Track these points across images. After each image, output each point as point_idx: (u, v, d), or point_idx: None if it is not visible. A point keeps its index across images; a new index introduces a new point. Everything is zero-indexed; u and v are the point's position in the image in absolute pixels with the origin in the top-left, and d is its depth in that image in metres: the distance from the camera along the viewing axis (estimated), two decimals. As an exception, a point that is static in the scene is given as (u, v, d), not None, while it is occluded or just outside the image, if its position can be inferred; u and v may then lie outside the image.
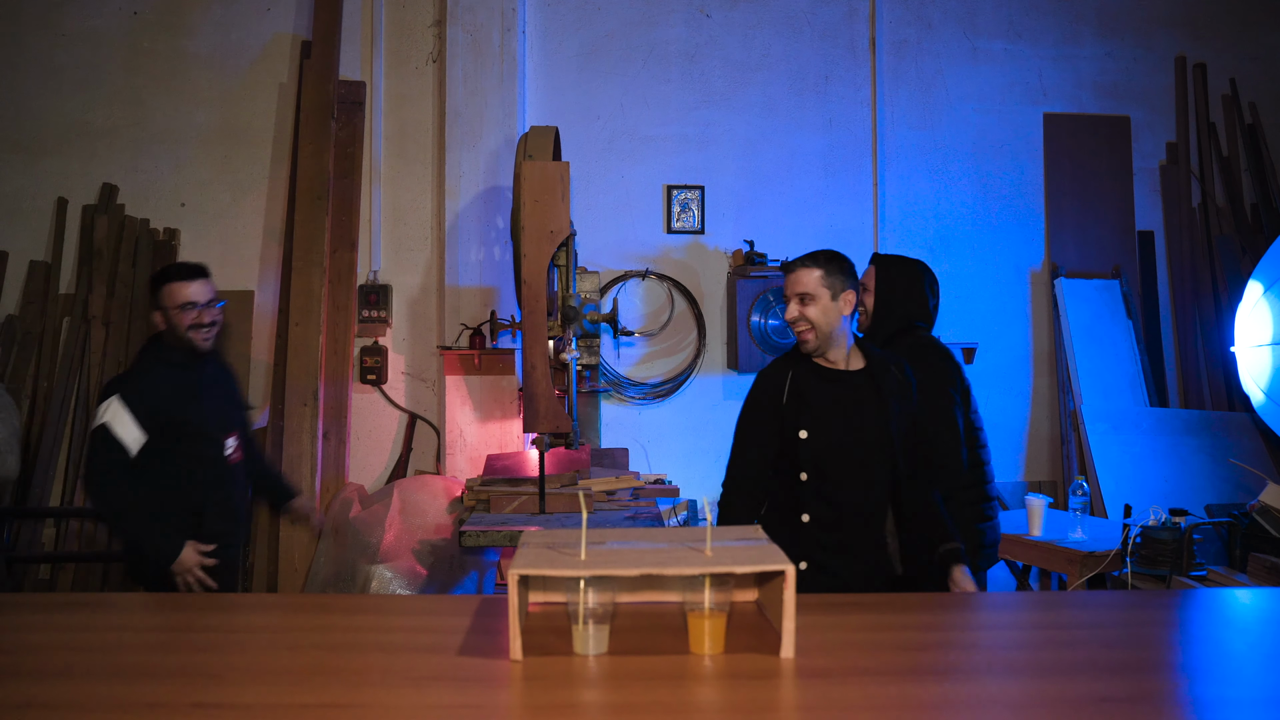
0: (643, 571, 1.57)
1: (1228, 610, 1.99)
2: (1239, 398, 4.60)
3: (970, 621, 1.78)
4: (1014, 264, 4.94)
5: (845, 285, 2.43)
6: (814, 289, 2.40)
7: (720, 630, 1.57)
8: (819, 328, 2.39)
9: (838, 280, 2.42)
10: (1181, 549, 2.93)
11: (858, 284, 2.48)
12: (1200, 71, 5.03)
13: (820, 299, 2.39)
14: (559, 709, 1.36)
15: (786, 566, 1.56)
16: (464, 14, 4.56)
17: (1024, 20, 4.98)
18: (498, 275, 4.54)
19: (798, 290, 2.41)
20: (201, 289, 2.84)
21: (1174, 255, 5.00)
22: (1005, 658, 1.58)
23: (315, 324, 4.24)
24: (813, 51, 4.86)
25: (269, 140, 4.67)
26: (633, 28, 4.78)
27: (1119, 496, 4.22)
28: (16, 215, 4.59)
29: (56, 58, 4.62)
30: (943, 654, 1.57)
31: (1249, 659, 1.66)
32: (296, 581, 4.04)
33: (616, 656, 1.55)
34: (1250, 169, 5.03)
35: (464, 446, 4.43)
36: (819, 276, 2.40)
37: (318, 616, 1.91)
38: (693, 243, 4.77)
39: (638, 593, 1.84)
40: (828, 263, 2.44)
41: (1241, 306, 4.29)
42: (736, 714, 1.36)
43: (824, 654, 1.59)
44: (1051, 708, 1.37)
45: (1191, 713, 1.37)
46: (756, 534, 1.83)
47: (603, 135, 4.75)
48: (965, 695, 1.40)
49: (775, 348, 4.51)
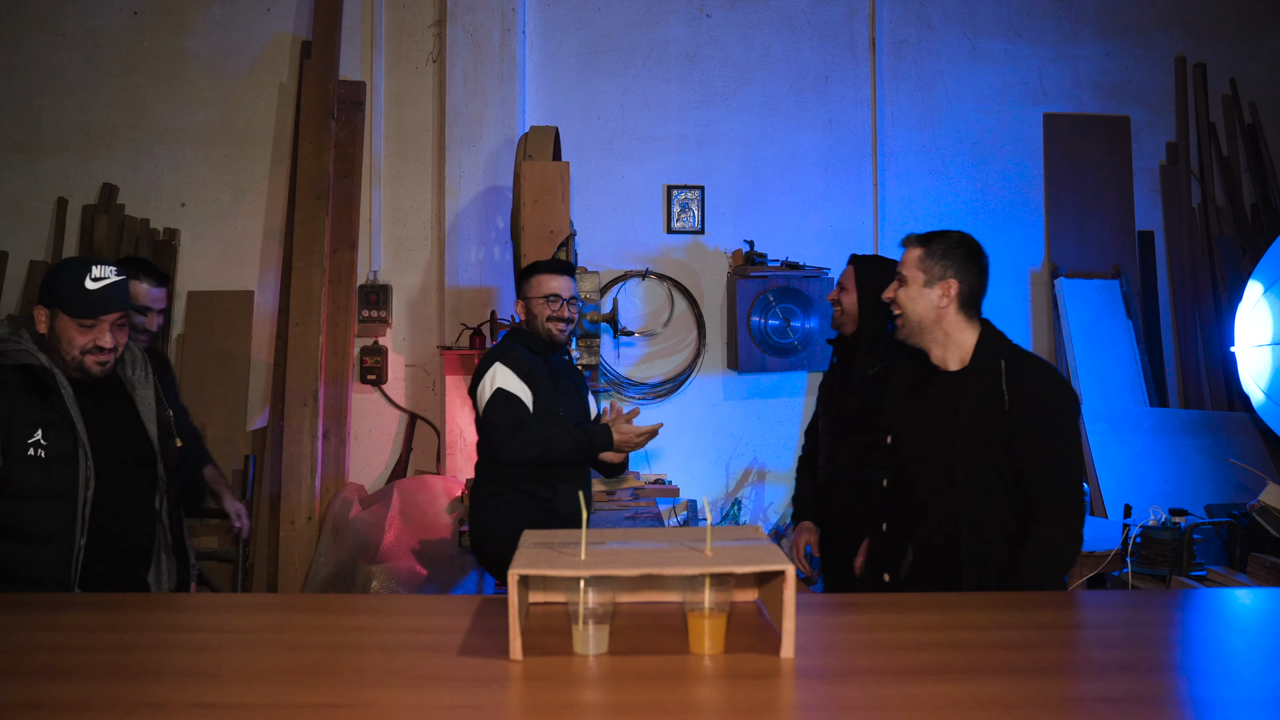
0: (643, 571, 1.57)
1: (1228, 610, 1.99)
2: (1239, 398, 4.60)
3: (970, 621, 1.78)
4: (1014, 264, 4.94)
5: (947, 273, 2.15)
6: (909, 270, 2.16)
7: (720, 630, 1.57)
8: (907, 314, 2.16)
9: (938, 265, 2.15)
10: (1181, 549, 2.93)
11: (970, 276, 2.19)
12: (1200, 71, 5.03)
13: (913, 282, 2.15)
14: (559, 709, 1.36)
15: (786, 566, 1.56)
16: (464, 14, 4.56)
17: (1024, 20, 4.97)
18: (498, 275, 4.54)
19: (899, 269, 2.19)
20: (566, 285, 3.02)
21: (1174, 255, 5.00)
22: (1005, 658, 1.58)
23: (315, 324, 4.24)
24: (813, 51, 4.86)
25: (269, 140, 4.67)
26: (633, 28, 4.78)
27: (1119, 496, 4.21)
28: (16, 215, 4.59)
29: (56, 58, 4.61)
30: (943, 654, 1.57)
31: (1249, 659, 1.66)
32: (296, 581, 4.04)
33: (616, 656, 1.55)
34: (1250, 169, 5.03)
35: (464, 446, 4.42)
36: (918, 256, 2.16)
37: (318, 616, 1.90)
38: (693, 243, 4.77)
39: (638, 593, 1.84)
40: (931, 243, 2.17)
41: (1241, 306, 4.29)
42: (736, 714, 1.36)
43: (824, 654, 1.58)
44: (1051, 708, 1.37)
45: (1191, 713, 1.37)
46: (757, 534, 1.83)
47: (603, 135, 4.75)
48: (965, 695, 1.40)
49: (775, 348, 4.51)
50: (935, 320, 2.17)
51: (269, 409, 4.40)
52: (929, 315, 2.16)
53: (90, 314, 2.16)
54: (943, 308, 2.16)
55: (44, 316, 2.21)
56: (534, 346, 2.99)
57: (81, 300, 2.16)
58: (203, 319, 4.56)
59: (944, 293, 2.16)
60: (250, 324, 4.56)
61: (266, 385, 4.51)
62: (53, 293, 2.20)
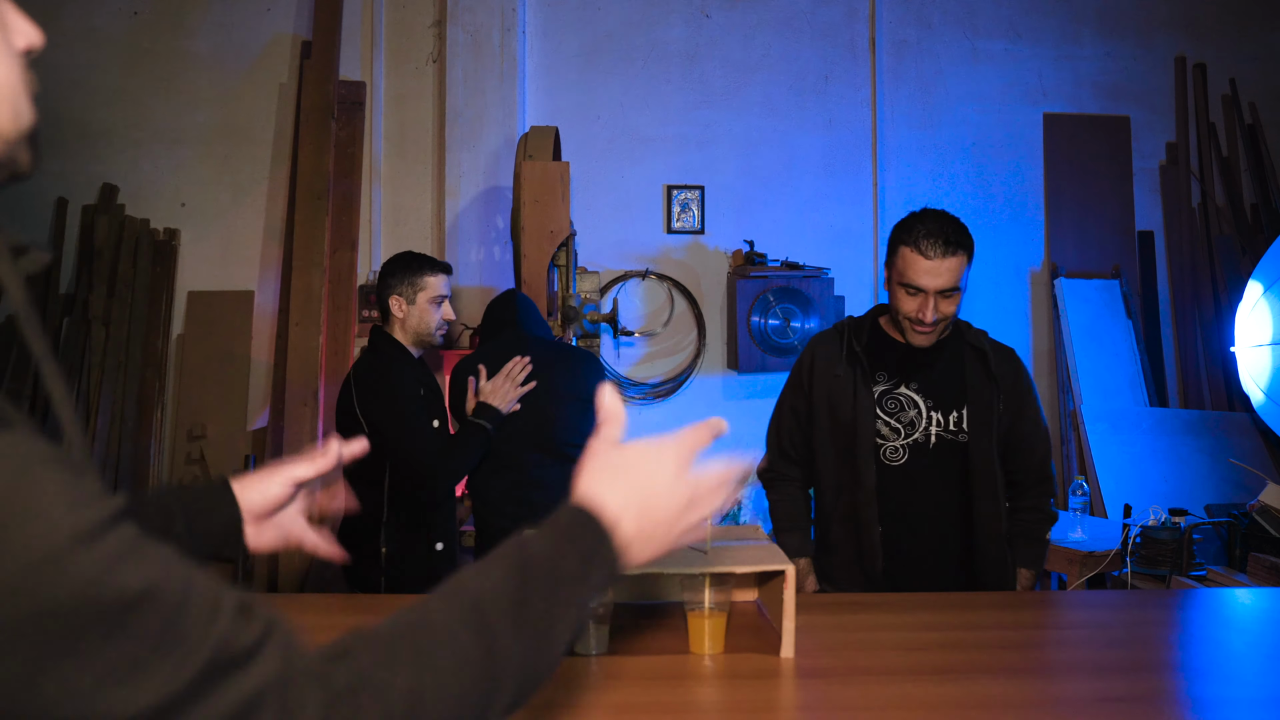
0: (643, 571, 1.57)
1: (1228, 610, 1.99)
2: (1239, 398, 4.60)
3: (970, 621, 1.78)
4: (1014, 264, 4.94)
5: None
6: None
7: (720, 630, 1.57)
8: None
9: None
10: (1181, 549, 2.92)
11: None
12: (1200, 72, 5.03)
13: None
14: (559, 709, 1.36)
15: (787, 566, 1.56)
16: (464, 14, 4.56)
17: (1024, 20, 4.97)
18: (498, 275, 4.53)
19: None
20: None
21: (1174, 255, 5.00)
22: (1005, 658, 1.58)
23: (315, 324, 4.24)
24: (813, 51, 4.86)
25: (269, 140, 4.67)
26: (633, 28, 4.78)
27: (1119, 496, 4.21)
28: (16, 215, 4.59)
29: (56, 58, 4.61)
30: (943, 654, 1.57)
31: (1249, 659, 1.66)
32: (296, 581, 4.04)
33: (616, 656, 1.55)
34: (1250, 169, 5.03)
35: (464, 446, 4.42)
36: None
37: (318, 616, 1.90)
38: (693, 243, 4.77)
39: (638, 593, 1.84)
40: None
41: (1241, 306, 4.29)
42: (736, 714, 1.36)
43: (824, 654, 1.59)
44: (1051, 708, 1.37)
45: (1191, 713, 1.37)
46: (757, 534, 1.83)
47: (603, 135, 4.75)
48: (965, 695, 1.40)
49: (775, 348, 4.51)
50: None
51: (269, 409, 4.40)
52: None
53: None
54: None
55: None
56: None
57: None
58: (203, 319, 4.56)
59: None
60: (250, 324, 4.56)
61: (266, 385, 4.50)
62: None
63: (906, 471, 2.18)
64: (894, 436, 2.19)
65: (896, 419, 2.18)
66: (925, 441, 2.17)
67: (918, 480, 2.19)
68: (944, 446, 2.17)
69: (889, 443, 2.19)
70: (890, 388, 2.21)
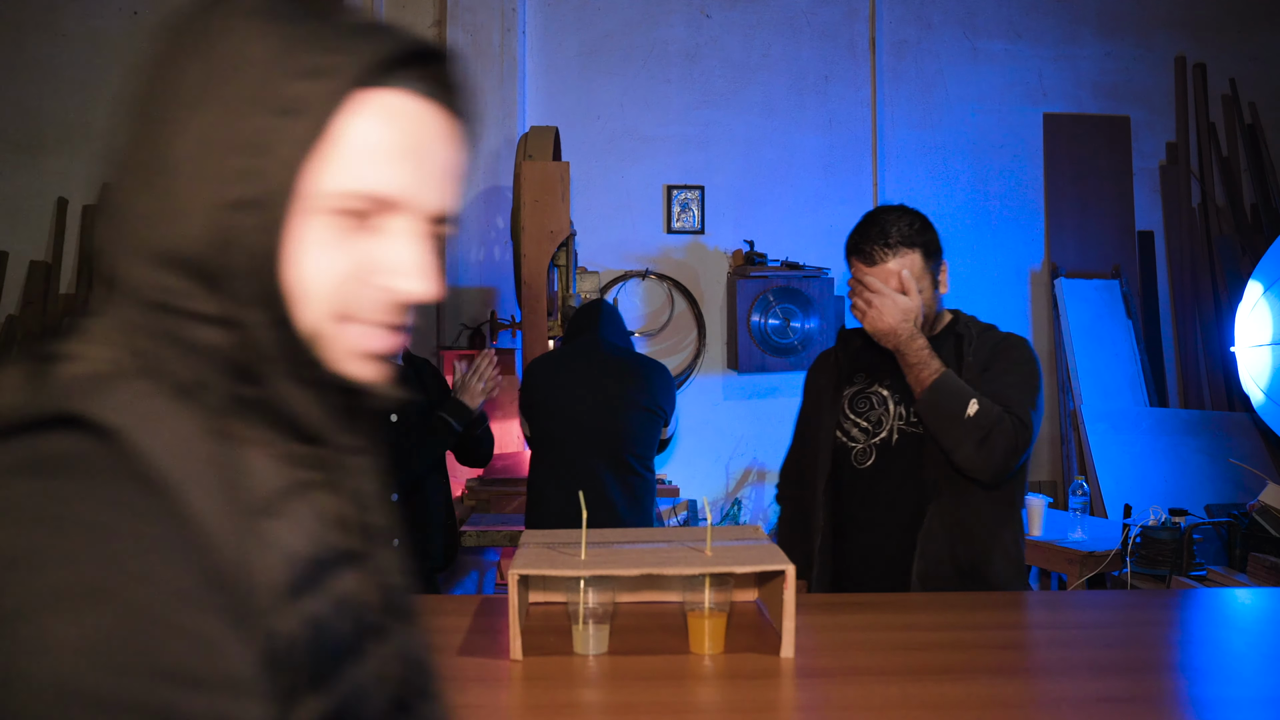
0: (643, 571, 1.57)
1: (1228, 610, 1.99)
2: (1239, 398, 4.60)
3: (970, 621, 1.78)
4: (1014, 264, 4.94)
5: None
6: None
7: (720, 630, 1.57)
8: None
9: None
10: (1181, 549, 2.92)
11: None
12: (1200, 72, 5.03)
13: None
14: (559, 709, 1.36)
15: (787, 566, 1.56)
16: (464, 14, 4.56)
17: (1024, 20, 4.97)
18: (498, 275, 4.54)
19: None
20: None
21: (1174, 255, 5.00)
22: (1005, 658, 1.58)
23: (315, 324, 4.23)
24: (813, 51, 4.86)
25: (269, 140, 4.67)
26: (633, 28, 4.78)
27: (1119, 496, 4.21)
28: (16, 215, 4.59)
29: (56, 58, 4.61)
30: (943, 654, 1.57)
31: (1249, 659, 1.66)
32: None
33: (616, 656, 1.55)
34: (1250, 169, 5.03)
35: (464, 446, 4.42)
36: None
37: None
38: (693, 243, 4.77)
39: (638, 593, 1.84)
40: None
41: (1241, 306, 4.29)
42: (736, 714, 1.36)
43: (824, 654, 1.59)
44: (1051, 708, 1.37)
45: (1191, 713, 1.37)
46: (757, 534, 1.83)
47: (603, 135, 4.75)
48: (965, 695, 1.40)
49: (775, 348, 4.51)
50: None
51: (269, 409, 4.40)
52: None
53: None
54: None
55: None
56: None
57: None
58: (203, 319, 4.55)
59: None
60: (250, 324, 4.56)
61: (266, 385, 4.50)
62: None
63: (874, 474, 2.08)
64: (863, 438, 2.11)
65: (865, 418, 2.12)
66: (889, 438, 2.08)
67: (882, 483, 2.08)
68: (905, 441, 2.07)
69: (857, 445, 2.10)
70: (864, 387, 2.13)
